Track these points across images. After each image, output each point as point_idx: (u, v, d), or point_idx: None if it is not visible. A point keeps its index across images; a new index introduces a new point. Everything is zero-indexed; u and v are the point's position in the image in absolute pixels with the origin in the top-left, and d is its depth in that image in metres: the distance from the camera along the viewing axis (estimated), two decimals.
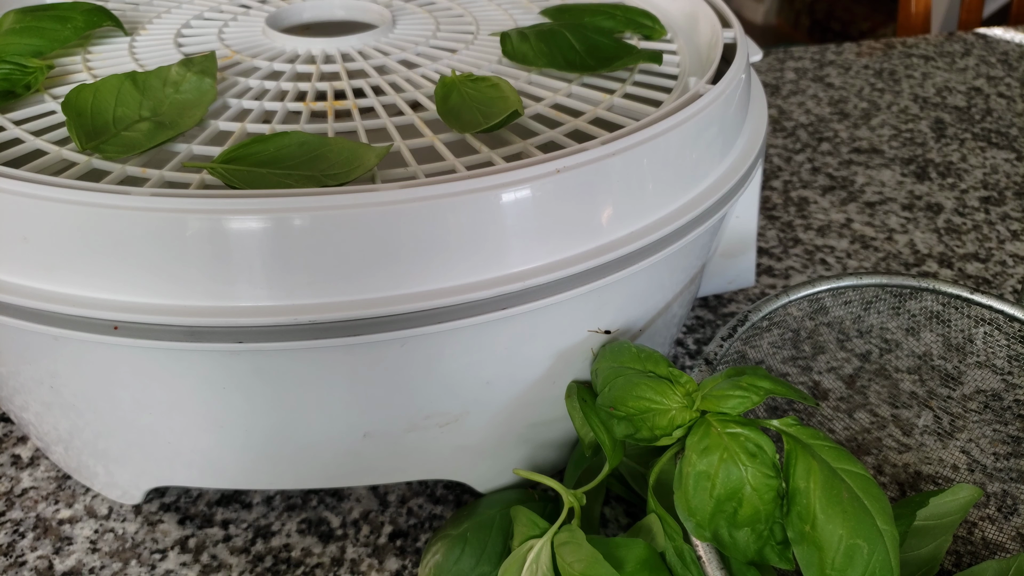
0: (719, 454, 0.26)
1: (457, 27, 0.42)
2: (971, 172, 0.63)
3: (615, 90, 0.35)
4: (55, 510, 0.36)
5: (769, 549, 0.26)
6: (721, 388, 0.28)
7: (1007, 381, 0.42)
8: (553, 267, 0.27)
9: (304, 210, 0.25)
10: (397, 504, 0.37)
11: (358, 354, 0.28)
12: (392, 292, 0.26)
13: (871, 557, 0.24)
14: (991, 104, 0.74)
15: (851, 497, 0.25)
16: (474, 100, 0.33)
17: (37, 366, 0.30)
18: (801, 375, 0.43)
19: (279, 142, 0.29)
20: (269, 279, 0.25)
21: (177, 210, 0.25)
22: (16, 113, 0.32)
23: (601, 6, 0.42)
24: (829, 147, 0.67)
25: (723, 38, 0.38)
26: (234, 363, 0.28)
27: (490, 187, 0.26)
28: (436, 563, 0.32)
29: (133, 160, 0.30)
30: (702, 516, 0.26)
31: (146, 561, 0.34)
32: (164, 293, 0.26)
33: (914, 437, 0.40)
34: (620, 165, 0.28)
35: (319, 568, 0.34)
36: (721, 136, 0.33)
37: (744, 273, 0.47)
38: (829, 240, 0.55)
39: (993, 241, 0.55)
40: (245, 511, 0.36)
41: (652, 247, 0.29)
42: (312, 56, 0.38)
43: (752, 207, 0.44)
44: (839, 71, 0.81)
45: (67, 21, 0.37)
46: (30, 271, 0.26)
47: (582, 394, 0.31)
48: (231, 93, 0.35)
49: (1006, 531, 0.35)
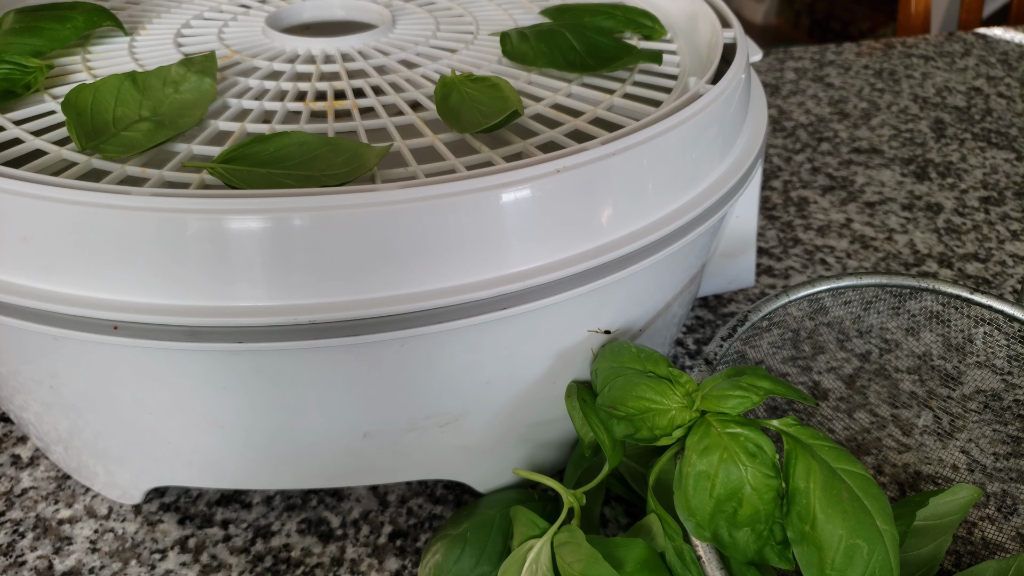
0: (719, 454, 0.26)
1: (457, 27, 0.42)
2: (971, 172, 0.63)
3: (615, 90, 0.35)
4: (55, 510, 0.36)
5: (769, 549, 0.26)
6: (721, 388, 0.28)
7: (1007, 381, 0.42)
8: (553, 267, 0.27)
9: (304, 210, 0.25)
10: (397, 504, 0.37)
11: (358, 354, 0.28)
12: (392, 292, 0.26)
13: (871, 557, 0.24)
14: (991, 104, 0.74)
15: (851, 497, 0.25)
16: (474, 100, 0.33)
17: (37, 366, 0.30)
18: (801, 375, 0.43)
19: (279, 142, 0.29)
20: (269, 279, 0.25)
21: (177, 210, 0.25)
22: (16, 113, 0.32)
23: (601, 6, 0.42)
24: (829, 147, 0.67)
25: (723, 38, 0.38)
26: (234, 363, 0.28)
27: (490, 187, 0.26)
28: (436, 563, 0.32)
29: (133, 160, 0.30)
30: (702, 516, 0.26)
31: (146, 561, 0.34)
32: (164, 293, 0.26)
33: (914, 437, 0.40)
34: (620, 165, 0.28)
35: (319, 568, 0.34)
36: (721, 136, 0.33)
37: (744, 273, 0.47)
38: (829, 240, 0.55)
39: (993, 241, 0.55)
40: (245, 511, 0.36)
41: (652, 247, 0.29)
42: (312, 56, 0.38)
43: (752, 207, 0.44)
44: (839, 71, 0.81)
45: (67, 21, 0.37)
46: (30, 271, 0.26)
47: (582, 394, 0.31)
48: (231, 93, 0.35)
49: (1006, 531, 0.35)
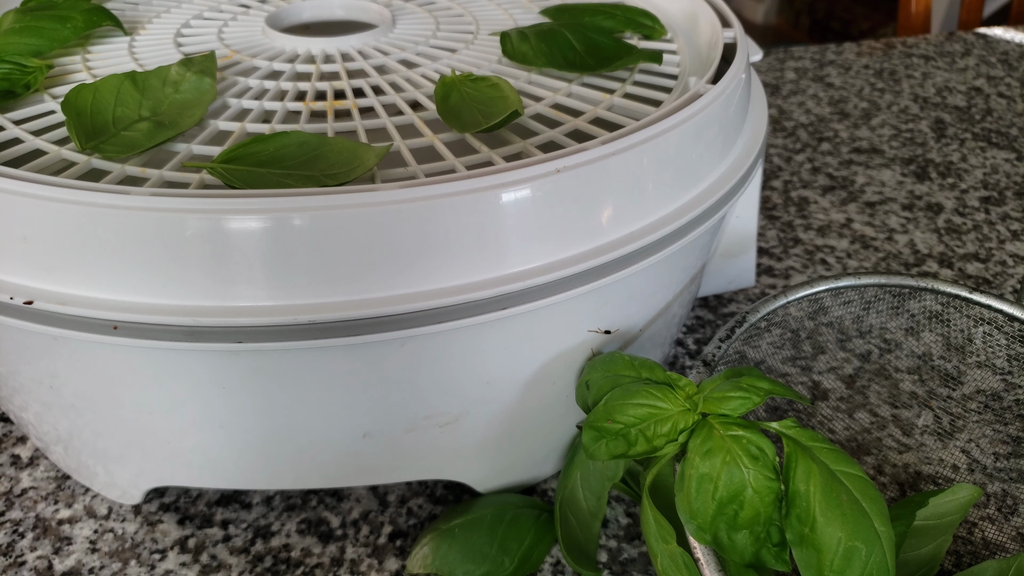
0: (722, 456, 0.26)
1: (457, 27, 0.42)
2: (971, 172, 0.63)
3: (615, 90, 0.35)
4: (55, 510, 0.36)
5: (766, 551, 0.26)
6: (721, 390, 0.28)
7: (1007, 381, 0.42)
8: (553, 267, 0.27)
9: (304, 210, 0.25)
10: (397, 504, 0.37)
11: (358, 354, 0.28)
12: (392, 292, 0.26)
13: (868, 559, 0.24)
14: (991, 104, 0.74)
15: (849, 500, 0.25)
16: (474, 100, 0.33)
17: (37, 366, 0.30)
18: (801, 375, 0.43)
19: (279, 142, 0.29)
20: (269, 279, 0.25)
21: (177, 210, 0.25)
22: (16, 113, 0.32)
23: (601, 6, 0.42)
24: (829, 147, 0.67)
25: (723, 38, 0.38)
26: (234, 363, 0.28)
27: (490, 187, 0.26)
28: (423, 555, 0.32)
29: (133, 160, 0.30)
30: (704, 518, 0.26)
31: (146, 561, 0.34)
32: (164, 293, 0.26)
33: (914, 437, 0.40)
34: (620, 165, 0.28)
35: (319, 568, 0.34)
36: (721, 136, 0.33)
37: (744, 273, 0.47)
38: (829, 240, 0.55)
39: (993, 241, 0.55)
40: (245, 511, 0.36)
41: (652, 247, 0.29)
42: (312, 56, 0.38)
43: (752, 207, 0.44)
44: (839, 71, 0.81)
45: (67, 21, 0.37)
46: (30, 271, 0.26)
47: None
48: (231, 93, 0.35)
49: (1006, 531, 0.35)
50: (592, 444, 0.28)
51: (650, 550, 0.28)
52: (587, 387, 0.30)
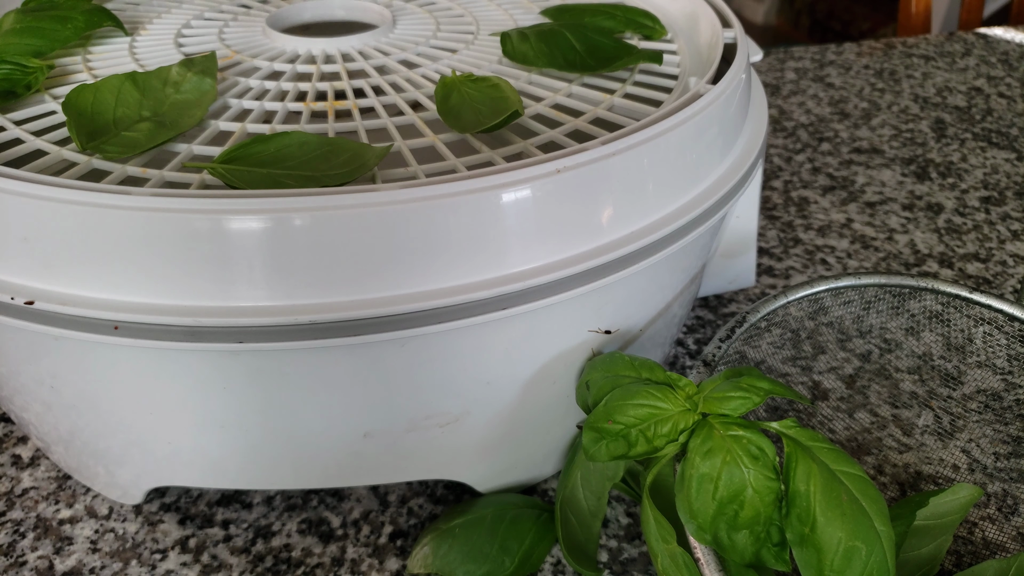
0: (722, 456, 0.26)
1: (457, 27, 0.42)
2: (971, 172, 0.63)
3: (615, 90, 0.35)
4: (55, 510, 0.36)
5: (766, 551, 0.26)
6: (721, 390, 0.28)
7: (1007, 381, 0.42)
8: (553, 267, 0.27)
9: (304, 210, 0.25)
10: (397, 504, 0.37)
11: (358, 354, 0.28)
12: (392, 292, 0.26)
13: (869, 558, 0.24)
14: (991, 104, 0.74)
15: (850, 499, 0.25)
16: (474, 100, 0.33)
17: (37, 366, 0.30)
18: (801, 375, 0.43)
19: (279, 142, 0.29)
20: (269, 279, 0.25)
21: (177, 210, 0.25)
22: (16, 113, 0.32)
23: (601, 6, 0.42)
24: (829, 147, 0.67)
25: (723, 38, 0.38)
26: (235, 363, 0.28)
27: (490, 187, 0.26)
28: (424, 555, 0.32)
29: (133, 160, 0.30)
30: (704, 518, 0.26)
31: (146, 561, 0.34)
32: (164, 293, 0.26)
33: (914, 437, 0.40)
34: (620, 165, 0.28)
35: (319, 568, 0.34)
36: (721, 136, 0.33)
37: (744, 273, 0.47)
38: (829, 240, 0.55)
39: (993, 241, 0.55)
40: (245, 511, 0.36)
41: (652, 247, 0.29)
42: (312, 56, 0.38)
43: (752, 207, 0.44)
44: (839, 71, 0.81)
45: (67, 21, 0.37)
46: (31, 271, 0.26)
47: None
48: (231, 93, 0.35)
49: (1006, 531, 0.35)
50: (592, 445, 0.28)
51: (650, 550, 0.28)
52: (587, 387, 0.30)
